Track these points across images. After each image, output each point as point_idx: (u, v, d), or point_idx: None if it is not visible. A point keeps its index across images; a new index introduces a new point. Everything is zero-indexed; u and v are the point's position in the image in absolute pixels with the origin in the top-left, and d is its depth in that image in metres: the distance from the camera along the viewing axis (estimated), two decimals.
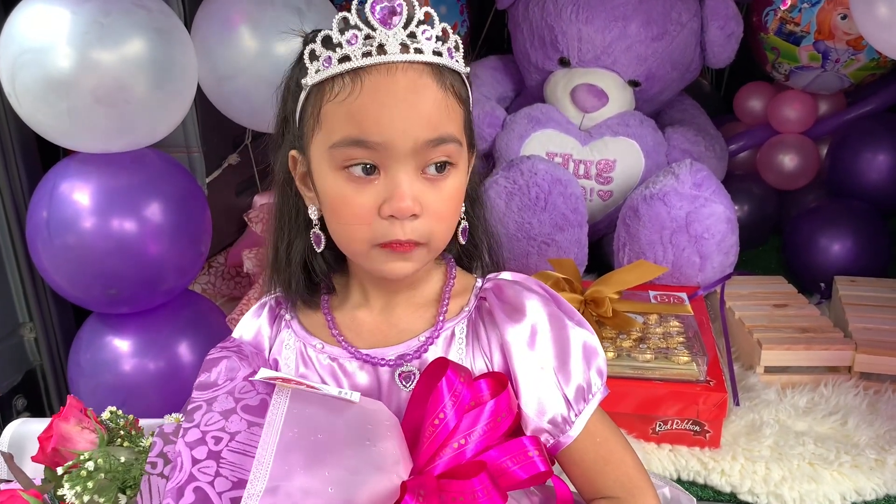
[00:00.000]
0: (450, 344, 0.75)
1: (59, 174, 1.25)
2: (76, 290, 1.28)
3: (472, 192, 0.79)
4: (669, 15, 1.78)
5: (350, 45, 0.66)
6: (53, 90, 1.12)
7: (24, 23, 1.12)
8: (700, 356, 1.22)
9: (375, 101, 0.66)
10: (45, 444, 0.86)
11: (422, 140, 0.66)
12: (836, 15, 1.79)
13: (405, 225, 0.68)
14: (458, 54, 0.71)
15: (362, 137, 0.66)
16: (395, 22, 0.66)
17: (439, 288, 0.78)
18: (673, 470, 1.19)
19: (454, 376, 0.67)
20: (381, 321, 0.77)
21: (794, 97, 1.98)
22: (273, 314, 0.83)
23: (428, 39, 0.67)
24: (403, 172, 0.67)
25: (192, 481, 0.63)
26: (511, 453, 0.69)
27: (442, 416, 0.67)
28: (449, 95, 0.68)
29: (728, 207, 1.55)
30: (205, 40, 1.32)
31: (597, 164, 1.75)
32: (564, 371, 0.73)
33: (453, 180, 0.70)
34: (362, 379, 0.76)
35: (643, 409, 1.21)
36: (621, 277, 1.39)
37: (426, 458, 0.67)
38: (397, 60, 0.66)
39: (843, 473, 1.14)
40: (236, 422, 0.67)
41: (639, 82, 1.84)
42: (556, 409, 0.72)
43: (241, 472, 0.63)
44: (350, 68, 0.66)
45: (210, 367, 0.73)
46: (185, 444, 0.66)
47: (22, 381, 1.42)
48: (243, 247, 1.72)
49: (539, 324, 0.73)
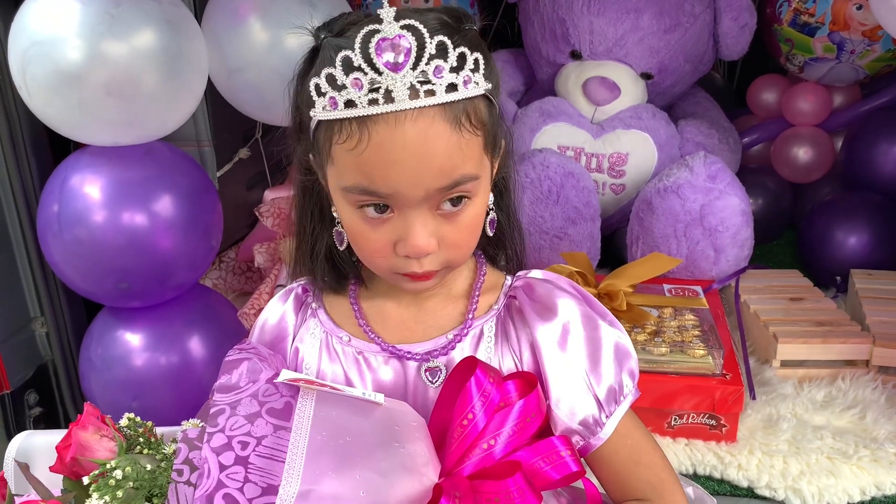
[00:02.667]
0: (478, 342, 0.74)
1: (69, 167, 1.25)
2: (87, 284, 1.28)
3: (501, 183, 0.77)
4: (682, 6, 1.77)
5: (356, 90, 0.61)
6: (64, 82, 1.12)
7: (34, 15, 1.12)
8: (716, 349, 1.21)
9: (383, 157, 0.62)
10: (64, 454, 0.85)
11: (434, 189, 0.64)
12: (852, 5, 1.77)
13: (422, 261, 0.67)
14: (477, 75, 0.64)
15: (372, 189, 0.64)
16: (401, 63, 0.60)
17: (469, 284, 0.77)
18: (689, 464, 1.18)
19: (483, 376, 0.66)
20: (409, 316, 0.76)
21: (808, 89, 1.96)
22: (299, 301, 0.81)
23: (440, 77, 0.61)
24: (417, 214, 0.65)
25: (221, 488, 0.62)
26: (542, 454, 0.68)
27: (471, 417, 0.66)
28: (464, 132, 0.63)
29: (743, 200, 1.53)
30: (215, 32, 1.32)
31: (609, 158, 1.73)
32: (596, 372, 0.71)
33: (471, 210, 0.67)
34: (387, 373, 0.74)
35: (659, 403, 1.20)
36: (635, 270, 1.38)
37: (455, 458, 0.66)
38: (406, 108, 0.61)
39: (863, 468, 1.12)
40: (262, 426, 0.65)
41: (651, 75, 1.82)
42: (587, 410, 0.71)
43: (270, 478, 0.62)
44: (356, 116, 0.62)
45: (230, 368, 0.72)
46: (210, 450, 0.64)
47: (34, 376, 1.42)
48: (254, 241, 1.72)
49: (571, 323, 0.72)
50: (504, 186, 0.78)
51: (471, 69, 0.63)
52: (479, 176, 0.66)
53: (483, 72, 0.65)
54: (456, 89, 0.62)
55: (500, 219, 0.77)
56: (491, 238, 0.77)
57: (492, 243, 0.79)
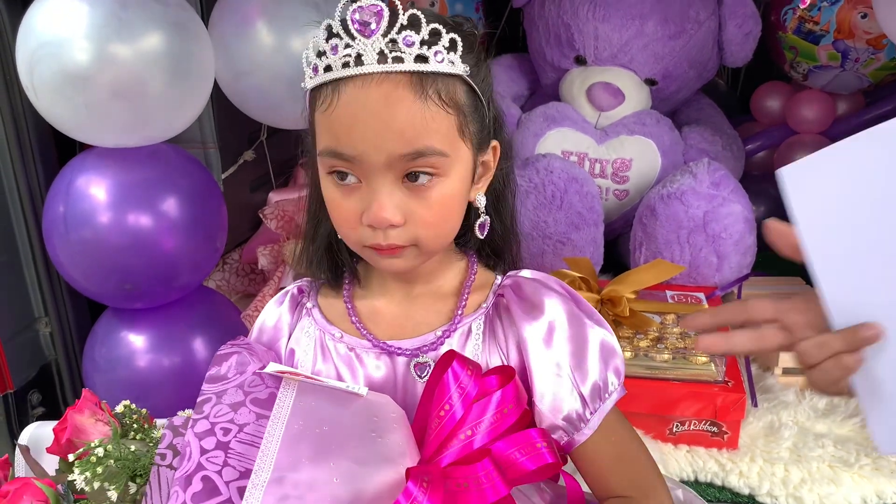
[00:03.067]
0: (466, 340, 0.75)
1: (75, 169, 1.25)
2: (92, 285, 1.28)
3: (497, 188, 0.78)
4: (687, 13, 1.77)
5: (333, 55, 0.65)
6: (71, 84, 1.12)
7: (42, 16, 1.12)
8: (718, 357, 1.21)
9: (348, 115, 0.65)
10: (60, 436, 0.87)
11: (396, 154, 0.65)
12: (857, 14, 1.77)
13: (386, 232, 0.68)
14: (452, 55, 0.66)
15: (338, 150, 0.66)
16: (373, 30, 0.64)
17: (459, 282, 0.78)
18: (690, 471, 1.18)
19: (460, 368, 0.68)
20: (400, 313, 0.78)
21: (812, 97, 1.97)
22: (294, 302, 0.83)
23: (409, 45, 0.64)
24: (381, 184, 0.67)
25: (200, 470, 0.64)
26: (519, 445, 0.68)
27: (447, 408, 0.67)
28: (430, 105, 0.65)
29: (746, 207, 1.53)
30: (222, 35, 1.32)
31: (613, 163, 1.74)
32: (581, 369, 0.72)
33: (440, 189, 0.68)
34: (378, 369, 0.76)
35: (660, 410, 1.20)
36: (638, 277, 1.38)
37: (433, 448, 0.67)
38: (373, 72, 0.64)
39: (864, 476, 1.12)
40: (245, 414, 0.67)
41: (655, 81, 1.83)
42: (571, 406, 0.72)
43: (248, 463, 0.64)
44: (331, 79, 0.65)
45: (220, 361, 0.74)
46: (193, 435, 0.66)
47: (37, 376, 1.43)
48: (258, 243, 1.72)
49: (557, 321, 0.73)
50: (502, 192, 0.79)
51: (445, 46, 0.66)
52: (448, 155, 0.67)
53: (461, 55, 0.67)
54: (426, 61, 0.65)
55: (496, 225, 0.78)
56: (486, 243, 0.79)
57: (487, 249, 0.80)
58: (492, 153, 0.75)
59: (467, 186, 0.72)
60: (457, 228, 0.74)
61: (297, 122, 1.56)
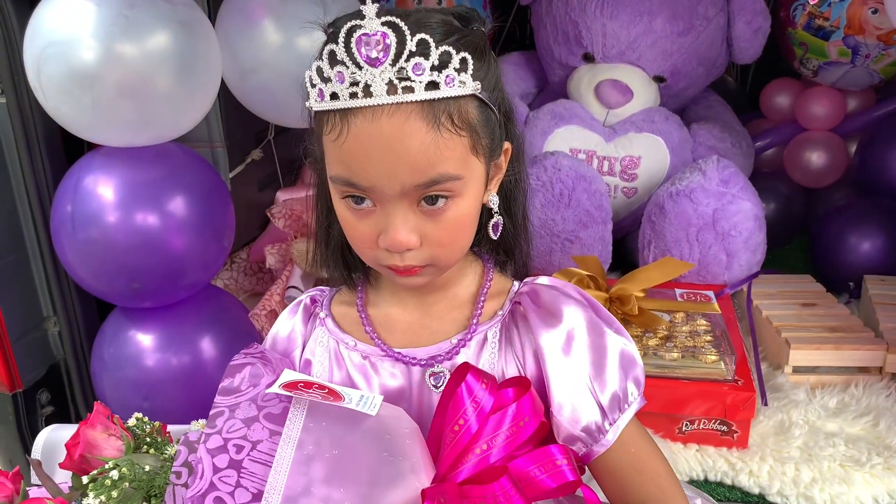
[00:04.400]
0: (482, 348, 0.74)
1: (83, 168, 1.25)
2: (100, 284, 1.28)
3: (507, 187, 0.76)
4: (696, 10, 1.76)
5: (339, 84, 0.62)
6: (78, 83, 1.12)
7: (49, 16, 1.12)
8: (728, 355, 1.20)
9: (360, 149, 0.63)
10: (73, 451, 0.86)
11: (410, 185, 0.64)
12: (867, 9, 1.76)
13: (403, 255, 0.67)
14: (463, 75, 0.63)
15: (352, 181, 0.65)
16: (381, 60, 0.61)
17: (475, 289, 0.77)
18: (700, 470, 1.17)
19: (475, 381, 0.66)
20: (415, 321, 0.76)
21: (822, 93, 1.95)
22: (308, 312, 0.82)
23: (419, 74, 0.61)
24: (397, 209, 0.66)
25: (213, 490, 0.62)
26: (539, 462, 0.67)
27: (462, 422, 0.66)
28: (442, 132, 0.63)
29: (756, 205, 1.52)
30: (228, 34, 1.32)
31: (621, 161, 1.73)
32: (600, 379, 0.71)
33: (455, 210, 0.67)
34: (393, 378, 0.74)
35: (670, 409, 1.19)
36: (647, 275, 1.37)
37: (447, 464, 0.66)
38: (383, 103, 0.61)
39: (876, 475, 1.11)
40: (258, 430, 0.66)
41: (664, 78, 1.82)
42: (590, 416, 0.70)
43: (261, 484, 0.62)
44: (338, 108, 0.63)
45: (234, 372, 0.72)
46: (206, 451, 0.65)
47: (46, 375, 1.43)
48: (266, 242, 1.72)
49: (576, 330, 0.71)
50: (512, 191, 0.78)
51: (455, 68, 0.63)
52: (462, 177, 0.66)
53: (472, 72, 0.64)
54: (437, 87, 0.62)
55: (507, 223, 0.77)
56: (498, 243, 0.77)
57: (499, 249, 0.79)
58: (503, 155, 0.74)
59: (480, 198, 0.71)
60: (471, 239, 0.73)
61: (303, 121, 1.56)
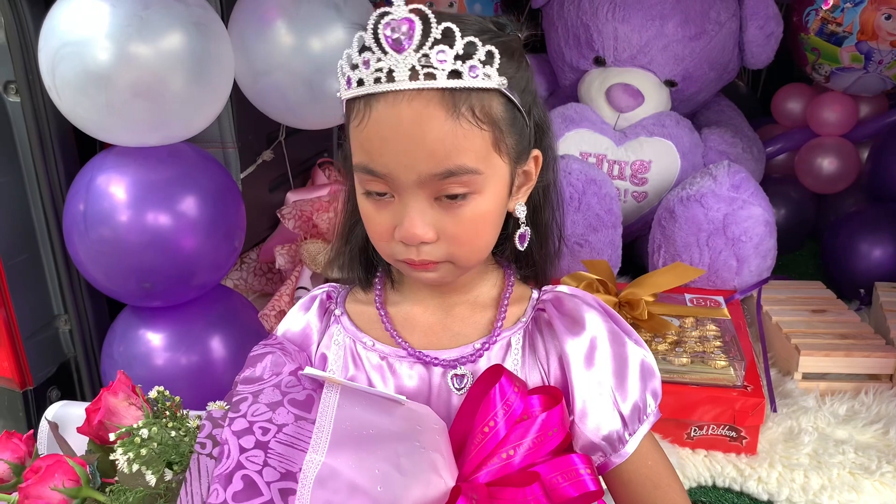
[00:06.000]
0: (505, 354, 0.73)
1: (95, 167, 1.26)
2: (111, 283, 1.29)
3: (538, 198, 0.76)
4: (708, 14, 1.76)
5: (365, 70, 0.63)
6: (93, 83, 1.13)
7: (64, 16, 1.13)
8: (737, 361, 1.20)
9: (379, 133, 0.63)
10: (92, 416, 0.86)
11: (426, 174, 0.64)
12: (880, 15, 1.75)
13: (419, 248, 0.67)
14: (488, 68, 0.63)
15: (370, 167, 0.65)
16: (405, 45, 0.61)
17: (496, 294, 0.77)
18: (708, 476, 1.17)
19: (508, 385, 0.66)
20: (436, 322, 0.76)
21: (834, 99, 1.95)
22: (323, 308, 0.81)
23: (443, 61, 0.62)
24: (414, 200, 0.65)
25: (240, 469, 0.62)
26: (561, 470, 0.67)
27: (492, 425, 0.65)
28: (462, 123, 0.62)
29: (766, 210, 1.52)
30: (241, 35, 1.33)
31: (632, 165, 1.73)
32: (622, 388, 0.71)
33: (474, 206, 0.66)
34: (411, 378, 0.74)
35: (678, 414, 1.19)
36: (657, 279, 1.37)
37: (473, 465, 0.66)
38: (404, 89, 0.62)
39: (885, 483, 1.11)
40: (283, 414, 0.66)
41: (675, 82, 1.82)
42: (611, 426, 0.70)
43: (288, 464, 0.62)
44: (363, 94, 0.64)
45: (255, 362, 0.72)
46: (231, 433, 0.65)
47: (56, 373, 1.44)
48: (275, 243, 1.73)
49: (599, 338, 0.71)
50: (540, 203, 0.77)
51: (480, 60, 0.63)
52: (482, 172, 0.65)
53: (498, 67, 0.64)
54: (460, 77, 0.62)
55: (533, 236, 0.76)
56: (521, 253, 0.76)
57: (521, 260, 0.78)
58: (533, 163, 0.72)
59: (503, 200, 0.70)
60: (493, 243, 0.72)
61: (315, 123, 1.55)
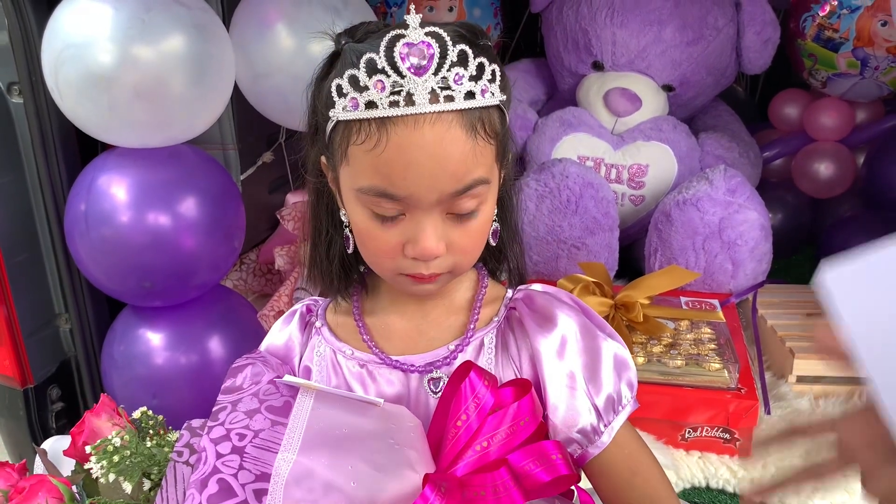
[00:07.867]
0: (479, 353, 0.75)
1: (97, 168, 1.27)
2: (112, 283, 1.30)
3: (504, 195, 0.78)
4: (705, 20, 1.77)
5: (378, 92, 0.63)
6: (95, 85, 1.14)
7: (67, 18, 1.14)
8: (732, 363, 1.21)
9: (401, 157, 0.63)
10: (77, 439, 0.88)
11: (447, 192, 0.65)
12: (877, 21, 1.77)
13: (429, 263, 0.68)
14: (493, 86, 0.66)
15: (388, 191, 0.65)
16: (425, 68, 0.62)
17: (470, 296, 0.79)
18: (702, 477, 1.18)
19: (477, 379, 0.67)
20: (412, 328, 0.77)
21: (830, 105, 1.96)
22: (303, 321, 0.82)
23: (459, 84, 0.63)
24: (428, 218, 0.66)
25: (216, 473, 0.64)
26: (533, 456, 0.68)
27: (464, 418, 0.67)
28: (478, 139, 0.65)
29: (762, 214, 1.53)
30: (242, 38, 1.34)
31: (629, 169, 1.74)
32: (595, 381, 0.72)
33: (481, 216, 0.69)
34: (391, 385, 0.75)
35: (673, 416, 1.20)
36: (653, 282, 1.38)
37: (449, 459, 0.67)
38: (425, 112, 0.62)
39: None
40: (260, 420, 0.68)
41: (673, 87, 1.83)
42: (585, 419, 0.71)
43: (263, 466, 0.64)
44: (376, 116, 0.63)
45: (235, 373, 0.74)
46: (209, 441, 0.67)
47: (57, 371, 1.45)
48: (275, 244, 1.74)
49: (569, 334, 0.73)
50: (507, 197, 0.79)
51: (488, 79, 0.65)
52: (491, 181, 0.68)
53: (499, 83, 0.67)
54: (473, 97, 0.64)
55: (502, 231, 0.78)
56: (492, 250, 0.78)
57: (493, 256, 0.80)
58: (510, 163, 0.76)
59: (495, 206, 0.73)
60: (482, 249, 0.74)
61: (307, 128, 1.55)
